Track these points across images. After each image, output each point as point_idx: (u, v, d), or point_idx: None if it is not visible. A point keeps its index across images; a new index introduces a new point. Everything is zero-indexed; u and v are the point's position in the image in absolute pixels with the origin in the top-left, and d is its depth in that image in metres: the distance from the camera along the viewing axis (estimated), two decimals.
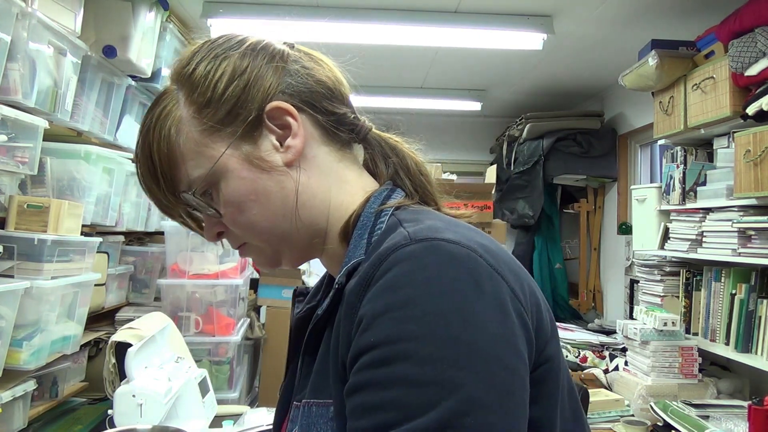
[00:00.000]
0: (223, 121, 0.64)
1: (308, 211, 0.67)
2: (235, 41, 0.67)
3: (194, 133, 0.65)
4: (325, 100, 0.68)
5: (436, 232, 0.55)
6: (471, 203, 2.90)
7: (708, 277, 2.28)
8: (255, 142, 0.65)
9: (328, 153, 0.68)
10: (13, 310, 1.53)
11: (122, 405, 1.49)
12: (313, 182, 0.67)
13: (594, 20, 2.60)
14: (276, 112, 0.65)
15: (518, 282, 0.56)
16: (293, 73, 0.67)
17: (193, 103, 0.65)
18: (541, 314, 0.58)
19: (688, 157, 2.41)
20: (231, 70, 0.64)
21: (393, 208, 0.64)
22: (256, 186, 0.65)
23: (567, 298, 4.01)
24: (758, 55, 1.89)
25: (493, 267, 0.54)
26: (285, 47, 0.69)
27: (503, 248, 0.61)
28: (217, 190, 0.65)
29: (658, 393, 2.14)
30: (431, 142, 3.39)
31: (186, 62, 0.67)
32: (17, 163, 1.59)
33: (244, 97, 0.64)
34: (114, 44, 1.99)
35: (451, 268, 0.52)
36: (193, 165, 0.65)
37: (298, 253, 0.70)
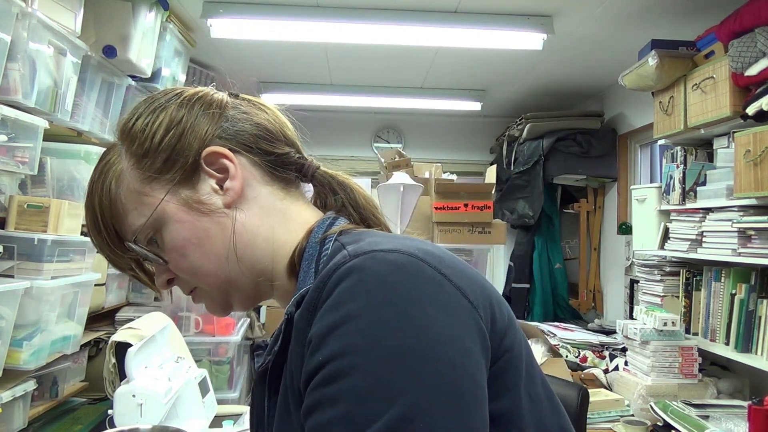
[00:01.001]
0: (161, 169, 0.66)
1: (251, 250, 0.68)
2: (173, 94, 0.70)
3: (135, 184, 0.67)
4: (264, 141, 0.70)
5: (375, 246, 0.56)
6: (471, 203, 2.89)
7: (708, 277, 2.28)
8: (194, 187, 0.67)
9: (270, 193, 0.70)
10: (13, 310, 1.53)
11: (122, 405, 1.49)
12: (255, 222, 0.68)
13: (594, 20, 2.60)
14: (212, 156, 0.67)
15: (465, 280, 0.56)
16: (230, 118, 0.69)
17: (133, 155, 0.67)
18: (493, 308, 0.58)
19: (688, 157, 2.41)
20: (167, 121, 0.67)
21: (336, 234, 0.65)
22: (196, 230, 0.66)
23: (567, 298, 4.00)
24: (758, 55, 1.89)
25: (435, 268, 0.54)
26: (225, 97, 0.72)
27: (449, 252, 0.61)
28: (161, 236, 0.68)
29: (658, 393, 2.14)
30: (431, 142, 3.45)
31: (128, 118, 0.70)
32: (17, 163, 1.59)
33: (180, 145, 0.66)
34: (114, 44, 1.99)
35: (390, 275, 0.52)
36: (135, 215, 0.67)
37: (246, 294, 0.71)
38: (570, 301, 4.01)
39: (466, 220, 2.89)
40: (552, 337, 2.77)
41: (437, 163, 3.33)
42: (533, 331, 2.70)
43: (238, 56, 3.25)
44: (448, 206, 2.89)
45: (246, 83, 3.81)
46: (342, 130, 4.65)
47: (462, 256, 2.94)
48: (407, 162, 3.15)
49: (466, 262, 0.63)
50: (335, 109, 4.52)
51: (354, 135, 4.67)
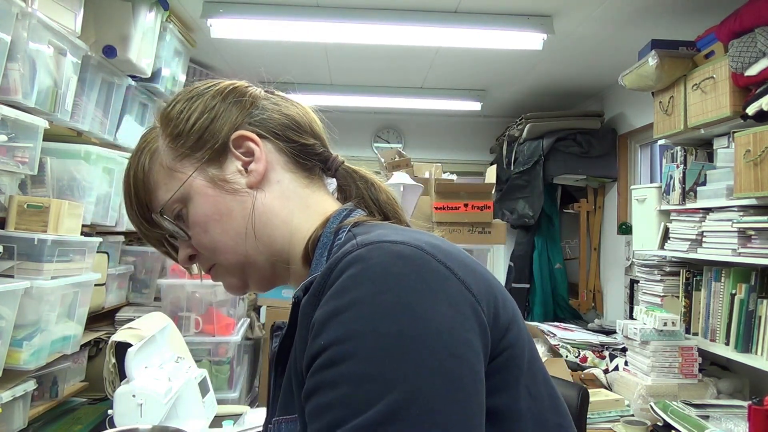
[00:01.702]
0: (193, 147, 0.71)
1: (269, 231, 0.71)
2: (211, 84, 0.75)
3: (167, 160, 0.72)
4: (290, 131, 0.74)
5: (384, 237, 0.57)
6: (471, 203, 2.89)
7: (708, 277, 2.28)
8: (221, 166, 0.71)
9: (293, 179, 0.74)
10: (13, 310, 1.53)
11: (122, 405, 1.49)
12: (276, 204, 0.72)
13: (594, 20, 2.60)
14: (240, 140, 0.71)
15: (470, 274, 0.57)
16: (261, 107, 0.74)
17: (168, 135, 0.72)
18: (497, 303, 0.59)
19: (688, 157, 2.41)
20: (202, 107, 0.72)
21: (351, 225, 0.67)
22: (219, 205, 0.70)
23: (567, 298, 4.00)
24: (758, 55, 1.89)
25: (440, 261, 0.55)
26: (259, 90, 0.77)
27: (457, 247, 0.63)
28: (187, 211, 0.72)
29: (658, 393, 2.14)
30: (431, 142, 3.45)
31: (167, 103, 0.75)
32: (17, 163, 1.59)
33: (212, 128, 0.71)
34: (114, 44, 1.99)
35: (395, 266, 0.54)
36: (164, 189, 0.72)
37: (262, 274, 0.74)
38: (570, 301, 4.01)
39: (466, 220, 2.89)
40: (552, 337, 2.77)
41: (437, 163, 3.32)
42: (533, 331, 2.70)
43: (238, 56, 3.25)
44: (448, 206, 2.89)
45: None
46: (342, 130, 4.58)
47: None
48: (407, 162, 3.15)
49: (475, 259, 0.64)
50: (335, 109, 4.43)
51: (354, 135, 4.67)
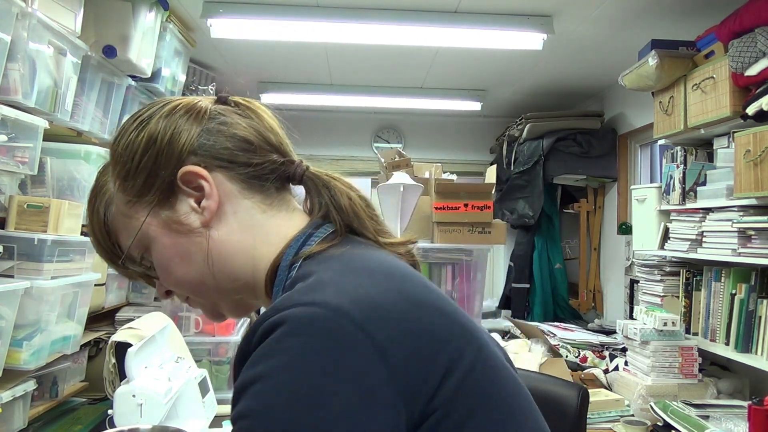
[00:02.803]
0: (141, 191, 0.69)
1: (231, 267, 0.69)
2: (156, 108, 0.71)
3: (121, 206, 0.71)
4: (242, 153, 0.70)
5: (303, 294, 0.55)
6: (471, 203, 2.89)
7: (708, 277, 2.28)
8: (173, 207, 0.69)
9: (250, 206, 0.70)
10: (13, 310, 1.53)
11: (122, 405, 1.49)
12: (235, 238, 0.69)
13: (594, 20, 2.60)
14: (188, 176, 0.67)
15: (398, 333, 0.54)
16: (208, 132, 0.69)
17: (118, 177, 0.70)
18: (433, 361, 0.55)
19: (688, 157, 2.41)
20: (146, 139, 0.68)
21: (303, 258, 0.65)
22: (177, 248, 0.69)
23: (567, 298, 4.00)
24: (758, 55, 1.89)
25: (358, 325, 0.52)
26: (208, 105, 0.72)
27: (404, 284, 0.60)
28: (150, 254, 0.71)
29: (658, 393, 2.14)
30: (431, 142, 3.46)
31: (116, 136, 0.72)
32: (17, 163, 1.59)
33: (157, 166, 0.68)
34: (114, 44, 1.99)
35: (302, 340, 0.52)
36: (125, 235, 0.71)
37: (234, 305, 0.74)
38: (570, 301, 4.01)
39: (466, 220, 2.89)
40: (552, 337, 2.77)
41: (437, 163, 3.32)
42: (533, 331, 2.70)
43: (238, 56, 3.25)
44: (448, 206, 2.89)
45: (246, 83, 3.81)
46: (342, 130, 4.65)
47: (462, 256, 2.94)
48: (407, 162, 3.15)
49: (430, 292, 0.61)
50: (335, 109, 4.52)
51: (354, 135, 4.67)
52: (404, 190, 2.78)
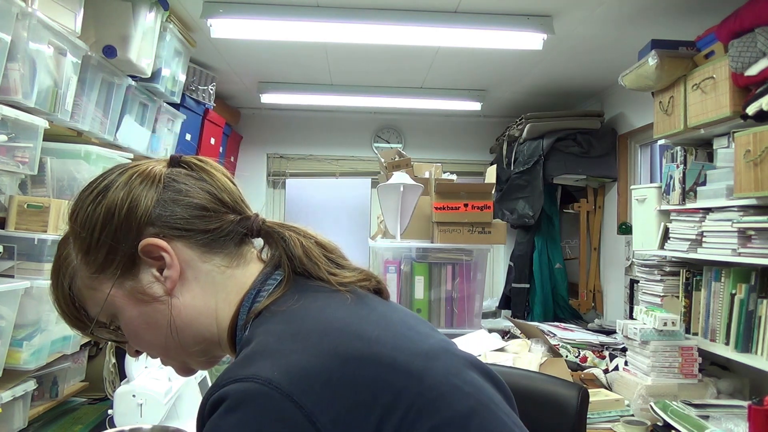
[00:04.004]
0: (104, 265, 0.71)
1: (195, 330, 0.73)
2: (114, 176, 0.73)
3: (85, 279, 0.73)
4: (199, 220, 0.72)
5: (239, 369, 0.60)
6: (471, 203, 2.89)
7: (708, 277, 2.28)
8: (136, 277, 0.71)
9: (211, 269, 0.73)
10: (13, 310, 1.53)
11: (122, 405, 1.49)
12: (197, 303, 0.72)
13: (594, 20, 2.60)
14: (148, 248, 0.70)
15: (331, 395, 0.57)
16: (164, 202, 0.72)
17: (79, 251, 0.72)
18: (366, 408, 0.58)
19: (688, 157, 2.41)
20: (104, 213, 0.70)
21: (253, 317, 0.69)
22: (143, 316, 0.72)
23: (567, 298, 4.00)
24: (758, 55, 1.89)
25: (288, 396, 0.56)
26: (164, 170, 0.74)
27: (342, 340, 0.63)
28: (117, 320, 0.74)
29: (658, 393, 2.14)
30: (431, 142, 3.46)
31: (73, 209, 0.74)
32: (17, 163, 1.59)
33: (116, 240, 0.70)
34: (114, 44, 1.99)
35: (240, 418, 0.56)
36: (91, 304, 0.73)
37: (201, 361, 0.77)
38: (570, 301, 4.01)
39: (466, 220, 2.89)
40: (552, 337, 2.77)
41: (437, 163, 3.33)
42: (533, 331, 2.70)
43: (238, 56, 3.25)
44: (448, 206, 2.89)
45: (246, 83, 3.81)
46: (342, 130, 4.65)
47: (462, 256, 2.94)
48: (407, 162, 3.15)
49: (377, 343, 0.63)
50: (335, 109, 4.52)
51: (354, 135, 4.67)
52: (404, 190, 2.78)
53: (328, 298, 0.71)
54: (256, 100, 4.06)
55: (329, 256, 0.77)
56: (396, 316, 0.72)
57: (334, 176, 4.64)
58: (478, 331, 2.80)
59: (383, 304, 0.75)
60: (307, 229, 0.79)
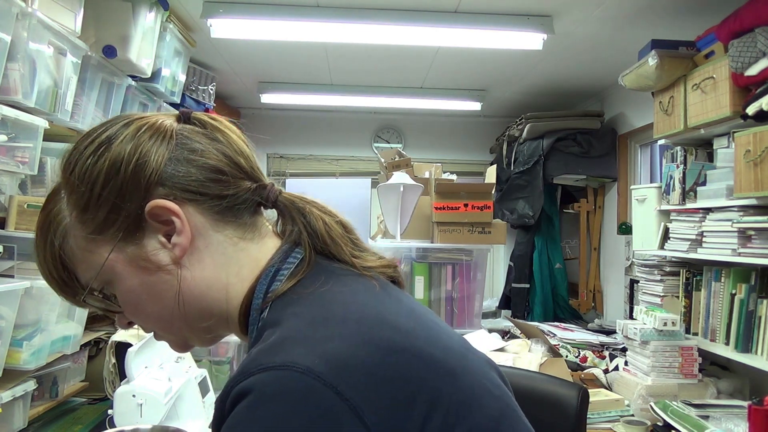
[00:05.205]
0: (103, 225, 0.63)
1: (203, 305, 0.66)
2: (117, 128, 0.65)
3: (79, 239, 0.64)
4: (214, 184, 0.65)
5: (273, 355, 0.53)
6: (471, 203, 2.89)
7: (708, 277, 2.28)
8: (140, 242, 0.63)
9: (222, 240, 0.66)
10: (13, 310, 1.53)
11: (122, 405, 1.49)
12: (208, 274, 0.65)
13: (594, 20, 2.60)
14: (157, 210, 0.62)
15: (370, 383, 0.52)
16: (176, 161, 0.64)
17: (75, 207, 0.64)
18: (410, 404, 0.53)
19: (688, 157, 2.41)
20: (108, 166, 0.62)
21: (274, 298, 0.63)
22: (145, 287, 0.64)
23: (567, 298, 4.00)
24: (758, 55, 1.89)
25: (330, 386, 0.51)
26: (174, 125, 0.66)
27: (377, 328, 0.57)
28: (113, 288, 0.65)
29: (658, 393, 2.14)
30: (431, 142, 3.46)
31: (68, 159, 0.65)
32: (17, 163, 1.59)
33: (121, 198, 0.62)
34: (114, 44, 1.99)
35: (277, 410, 0.50)
36: (83, 268, 0.65)
37: (204, 338, 0.70)
38: (570, 301, 4.01)
39: (466, 220, 2.89)
40: (552, 337, 2.77)
41: (437, 163, 3.33)
42: (533, 331, 2.70)
43: (238, 56, 3.25)
44: (448, 206, 2.89)
45: (246, 83, 3.81)
46: (342, 130, 4.65)
47: (462, 256, 2.94)
48: (407, 162, 3.16)
49: (408, 332, 0.59)
50: (335, 109, 4.52)
51: (354, 135, 4.67)
52: (404, 190, 2.78)
53: (355, 282, 0.65)
54: (256, 100, 4.06)
55: (351, 237, 0.70)
56: (420, 309, 0.67)
57: (334, 176, 4.64)
58: (478, 331, 2.80)
59: (405, 294, 0.69)
60: (327, 205, 0.71)
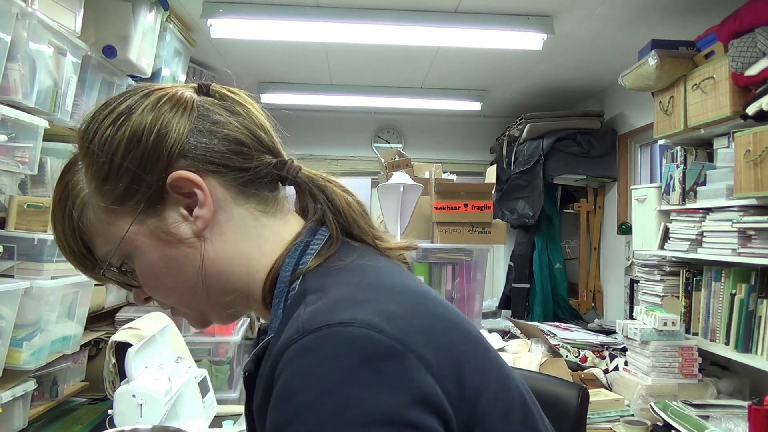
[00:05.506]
0: (124, 197, 0.62)
1: (225, 278, 0.65)
2: (137, 98, 0.63)
3: (98, 212, 0.63)
4: (236, 156, 0.64)
5: (332, 313, 0.52)
6: (471, 203, 2.89)
7: (708, 277, 2.28)
8: (161, 214, 0.62)
9: (244, 213, 0.65)
10: (13, 310, 1.53)
11: (122, 405, 1.48)
12: (229, 248, 0.64)
13: (594, 20, 2.60)
14: (179, 182, 0.61)
15: (430, 342, 0.52)
16: (198, 132, 0.63)
17: (94, 177, 0.63)
18: (462, 373, 0.53)
19: (688, 157, 2.41)
20: (129, 136, 0.61)
21: (305, 272, 0.62)
22: (166, 259, 0.63)
23: (567, 298, 4.01)
24: (758, 55, 1.89)
25: (394, 338, 0.50)
26: (195, 96, 0.65)
27: (420, 297, 0.58)
28: (132, 263, 0.64)
29: (658, 393, 2.14)
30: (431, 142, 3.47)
31: (86, 128, 0.64)
32: (17, 163, 1.59)
33: (142, 169, 0.61)
34: (114, 44, 2.00)
35: (340, 362, 0.49)
36: (102, 241, 0.64)
37: (224, 314, 0.69)
38: (570, 301, 4.01)
39: (466, 220, 2.89)
40: (552, 337, 2.77)
41: (437, 163, 3.33)
42: (533, 331, 2.70)
43: (238, 56, 3.25)
44: (448, 206, 2.89)
45: (246, 83, 3.81)
46: (342, 130, 4.65)
47: (462, 256, 2.94)
48: (407, 162, 3.15)
49: (444, 304, 0.59)
50: (335, 109, 4.52)
51: (354, 135, 4.67)
52: (404, 190, 2.78)
53: (383, 260, 0.65)
54: (256, 100, 4.06)
55: (369, 218, 0.70)
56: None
57: (333, 176, 4.64)
58: None
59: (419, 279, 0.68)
60: (345, 184, 0.70)
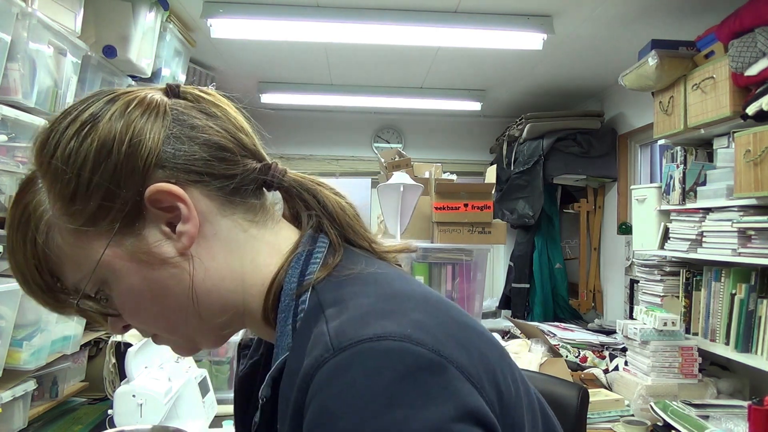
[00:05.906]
0: (96, 216, 0.54)
1: (218, 296, 0.58)
2: (101, 104, 0.56)
3: (66, 234, 0.55)
4: (219, 163, 0.57)
5: (362, 327, 0.48)
6: (471, 203, 2.89)
7: (708, 277, 2.28)
8: (140, 233, 0.55)
9: (232, 225, 0.59)
10: (13, 310, 1.53)
11: (122, 405, 1.49)
12: (220, 264, 0.58)
13: (594, 20, 2.60)
14: (158, 195, 0.54)
15: (465, 351, 0.49)
16: (175, 139, 0.56)
17: (59, 197, 0.54)
18: (497, 381, 0.51)
19: (688, 157, 2.41)
20: (97, 147, 0.53)
21: (314, 283, 0.57)
22: (149, 284, 0.56)
23: (567, 298, 4.00)
24: (758, 55, 1.89)
25: (434, 350, 0.47)
26: (165, 99, 0.59)
27: (440, 304, 0.55)
28: (110, 290, 0.57)
29: (658, 393, 2.14)
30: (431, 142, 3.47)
31: (43, 142, 0.56)
32: (17, 163, 1.59)
33: (116, 183, 0.53)
34: (114, 44, 2.00)
35: (380, 379, 0.45)
36: (72, 268, 0.56)
37: (216, 336, 0.63)
38: (570, 301, 4.01)
39: (466, 220, 2.89)
40: (552, 337, 2.77)
41: (437, 163, 3.32)
42: (533, 331, 2.70)
43: (238, 56, 3.25)
44: (448, 206, 2.89)
45: (246, 83, 3.81)
46: (342, 130, 4.65)
47: (462, 256, 2.94)
48: (407, 162, 3.15)
49: (459, 309, 0.57)
50: (335, 109, 4.52)
51: (354, 135, 4.67)
52: (404, 190, 2.78)
53: (386, 265, 0.62)
54: (256, 100, 4.07)
55: (361, 221, 0.65)
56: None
57: (334, 176, 4.64)
58: None
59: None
60: (335, 186, 0.66)
